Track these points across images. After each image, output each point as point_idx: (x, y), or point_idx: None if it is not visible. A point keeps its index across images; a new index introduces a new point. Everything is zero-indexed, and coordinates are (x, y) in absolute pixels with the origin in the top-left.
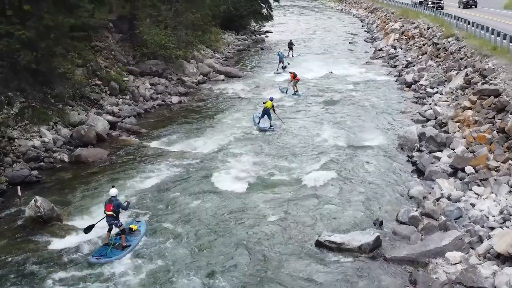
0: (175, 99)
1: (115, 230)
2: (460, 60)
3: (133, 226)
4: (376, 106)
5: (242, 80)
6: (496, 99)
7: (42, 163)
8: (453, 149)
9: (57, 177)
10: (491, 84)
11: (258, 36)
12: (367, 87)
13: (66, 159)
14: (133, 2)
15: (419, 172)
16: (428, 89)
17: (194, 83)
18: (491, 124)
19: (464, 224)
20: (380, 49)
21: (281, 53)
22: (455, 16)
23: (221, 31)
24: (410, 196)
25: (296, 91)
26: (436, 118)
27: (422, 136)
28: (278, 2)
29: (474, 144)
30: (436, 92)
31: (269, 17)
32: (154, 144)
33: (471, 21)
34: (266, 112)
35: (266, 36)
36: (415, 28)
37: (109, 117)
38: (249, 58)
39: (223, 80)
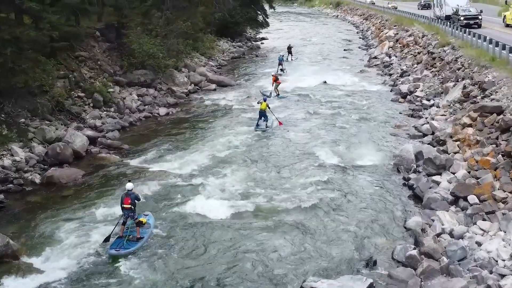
0: (162, 110)
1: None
2: (457, 71)
3: (143, 219)
4: (370, 119)
5: (234, 89)
6: (500, 117)
7: (10, 185)
8: (453, 173)
9: (24, 202)
10: (492, 99)
11: (253, 43)
12: (361, 98)
13: (38, 181)
14: (120, 10)
15: (417, 198)
16: (424, 101)
17: (184, 93)
18: (495, 146)
19: (469, 267)
20: (375, 57)
21: (281, 56)
22: (450, 24)
23: (217, 38)
24: (407, 228)
25: (277, 94)
26: (433, 133)
27: (419, 156)
28: (274, 9)
29: (477, 168)
30: (433, 105)
31: (264, 24)
32: (135, 162)
33: (467, 30)
34: (261, 113)
35: (262, 43)
36: (410, 36)
37: (89, 132)
38: (243, 65)
39: (214, 89)
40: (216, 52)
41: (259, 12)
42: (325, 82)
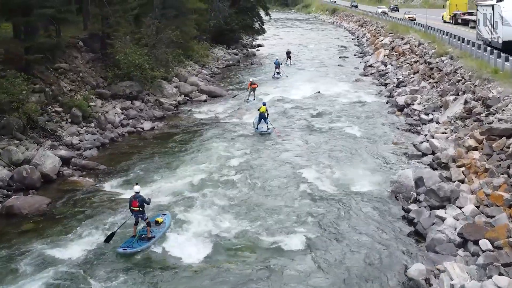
0: (147, 125)
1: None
2: (457, 83)
3: (159, 219)
4: (365, 135)
5: (225, 100)
6: (511, 142)
7: None
8: (460, 208)
9: None
10: (500, 120)
11: (249, 50)
12: (356, 110)
13: None
14: (105, 18)
15: (418, 235)
16: (423, 116)
17: (172, 105)
18: (507, 176)
19: None
20: (370, 65)
21: (277, 60)
22: (447, 32)
23: (212, 45)
24: (408, 277)
25: (253, 98)
26: (433, 153)
27: (419, 182)
28: (270, 17)
29: (488, 204)
30: (432, 120)
31: (260, 31)
32: (109, 185)
33: (465, 39)
34: (261, 116)
35: (258, 50)
36: (406, 44)
37: (63, 152)
38: (236, 74)
39: (205, 100)
40: (210, 60)
41: (255, 19)
42: (319, 92)
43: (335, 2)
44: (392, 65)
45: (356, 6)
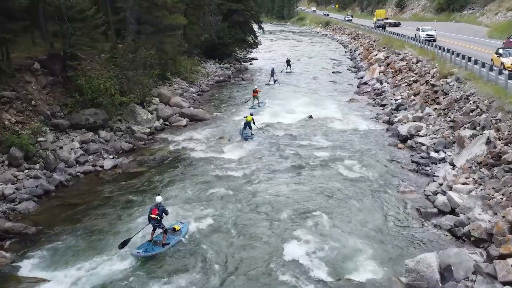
0: (108, 163)
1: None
2: (471, 113)
3: (177, 227)
4: (364, 178)
5: (207, 125)
6: None
7: None
8: None
9: None
10: None
11: (242, 64)
12: (351, 142)
13: None
14: (66, 37)
15: None
16: (432, 153)
17: (146, 134)
18: None
19: None
20: (365, 83)
21: (273, 68)
22: (448, 49)
23: (204, 60)
24: None
25: (258, 104)
26: (453, 210)
27: (446, 273)
28: (263, 31)
29: None
30: (443, 159)
31: (254, 45)
32: (33, 265)
33: (472, 58)
34: (247, 124)
35: (251, 64)
36: (402, 60)
37: None
38: (225, 92)
39: (185, 125)
40: (199, 76)
41: (248, 33)
42: (310, 116)
43: (351, 20)
44: (388, 83)
45: (383, 27)
